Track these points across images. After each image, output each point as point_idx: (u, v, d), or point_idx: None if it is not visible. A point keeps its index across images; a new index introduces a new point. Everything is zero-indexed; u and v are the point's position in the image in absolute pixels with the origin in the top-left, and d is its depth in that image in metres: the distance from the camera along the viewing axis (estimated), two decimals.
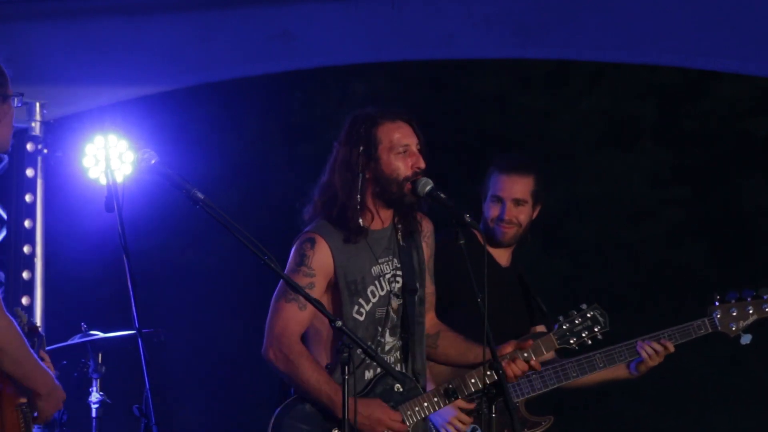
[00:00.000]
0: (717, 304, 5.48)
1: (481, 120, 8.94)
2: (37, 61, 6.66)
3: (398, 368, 4.85)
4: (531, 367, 4.95)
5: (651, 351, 5.49)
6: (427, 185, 4.74)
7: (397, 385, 4.78)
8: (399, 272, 4.88)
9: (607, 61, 7.15)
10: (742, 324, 5.45)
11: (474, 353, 4.89)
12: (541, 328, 5.70)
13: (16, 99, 4.14)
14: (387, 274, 4.86)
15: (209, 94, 7.93)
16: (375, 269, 4.84)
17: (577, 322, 5.08)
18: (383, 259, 4.86)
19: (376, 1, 6.69)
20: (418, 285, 4.90)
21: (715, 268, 8.33)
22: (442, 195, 4.77)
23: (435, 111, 8.49)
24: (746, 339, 5.45)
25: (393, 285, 4.86)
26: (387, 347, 4.83)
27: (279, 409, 4.76)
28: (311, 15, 6.76)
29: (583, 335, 5.08)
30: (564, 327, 5.07)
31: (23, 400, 4.07)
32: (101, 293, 7.65)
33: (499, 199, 5.70)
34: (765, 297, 5.46)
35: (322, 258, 4.77)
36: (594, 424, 8.16)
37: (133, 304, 6.57)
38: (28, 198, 7.41)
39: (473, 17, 6.69)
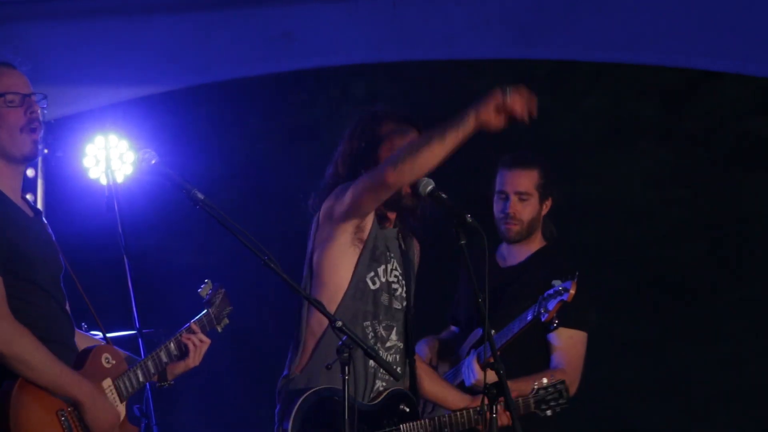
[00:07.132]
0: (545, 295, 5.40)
1: None
2: (37, 61, 6.64)
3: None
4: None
5: None
6: (428, 185, 4.74)
7: (403, 405, 4.76)
8: (401, 278, 4.87)
9: (607, 61, 7.14)
10: (552, 310, 5.34)
11: (438, 390, 4.95)
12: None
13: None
14: (393, 270, 4.85)
15: (209, 95, 7.92)
16: (389, 255, 4.84)
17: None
18: (390, 255, 4.86)
19: (376, 1, 6.69)
20: (412, 296, 4.90)
21: (715, 268, 8.32)
22: (443, 195, 4.78)
23: (435, 111, 8.46)
24: (553, 326, 5.40)
25: (396, 286, 4.85)
26: (388, 344, 4.80)
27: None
28: (311, 15, 6.76)
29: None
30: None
31: (64, 406, 4.00)
32: (101, 293, 7.63)
33: (504, 194, 5.69)
34: (575, 279, 5.34)
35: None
36: (594, 424, 8.15)
37: (133, 304, 6.59)
38: (28, 198, 7.40)
39: (473, 18, 6.69)
